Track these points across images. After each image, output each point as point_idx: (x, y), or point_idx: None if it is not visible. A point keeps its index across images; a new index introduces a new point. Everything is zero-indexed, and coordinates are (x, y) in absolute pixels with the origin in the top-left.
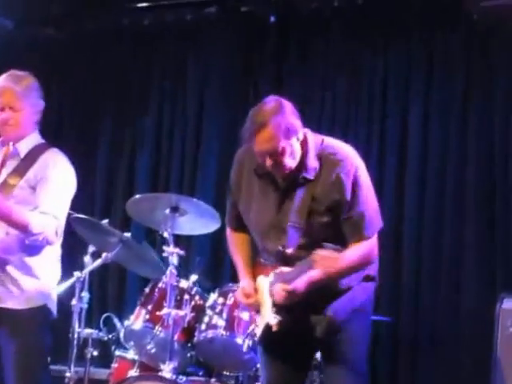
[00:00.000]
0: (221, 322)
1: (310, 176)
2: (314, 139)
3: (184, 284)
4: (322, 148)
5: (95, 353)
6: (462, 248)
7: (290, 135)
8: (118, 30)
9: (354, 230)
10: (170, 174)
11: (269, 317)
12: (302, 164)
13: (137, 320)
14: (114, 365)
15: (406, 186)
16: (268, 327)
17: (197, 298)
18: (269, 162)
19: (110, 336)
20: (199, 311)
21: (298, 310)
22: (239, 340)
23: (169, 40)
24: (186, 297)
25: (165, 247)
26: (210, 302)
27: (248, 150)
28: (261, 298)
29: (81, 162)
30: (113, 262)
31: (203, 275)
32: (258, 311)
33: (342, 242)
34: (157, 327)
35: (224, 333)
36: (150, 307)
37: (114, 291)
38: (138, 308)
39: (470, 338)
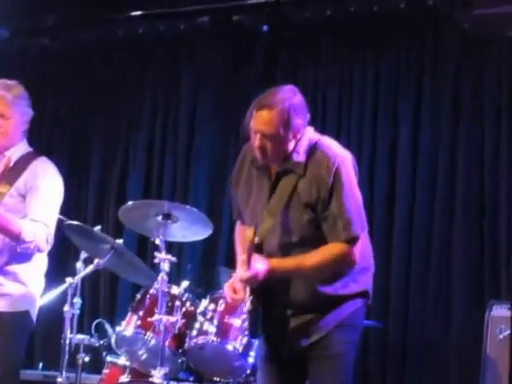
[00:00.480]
0: (212, 329)
1: (297, 170)
2: (310, 136)
3: (175, 290)
4: (314, 145)
5: (87, 358)
6: (451, 253)
7: (288, 129)
8: (112, 40)
9: (331, 230)
10: (163, 181)
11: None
12: (290, 157)
13: (128, 326)
14: (106, 371)
15: (396, 197)
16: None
17: (188, 304)
18: (257, 142)
19: (102, 342)
20: (190, 317)
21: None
22: (230, 347)
23: (162, 50)
24: (177, 303)
25: (156, 254)
26: (201, 309)
27: (250, 147)
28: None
29: (74, 170)
30: (104, 269)
31: (194, 282)
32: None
33: (323, 245)
34: (148, 333)
35: (215, 339)
36: (141, 313)
37: (106, 297)
38: (129, 314)
39: (458, 344)
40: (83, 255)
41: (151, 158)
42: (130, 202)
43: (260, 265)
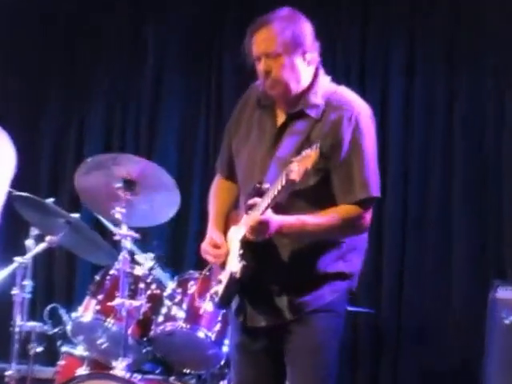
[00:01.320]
0: (180, 314)
1: (312, 113)
2: (327, 81)
3: (139, 271)
4: (332, 92)
5: (39, 349)
6: (450, 234)
7: (296, 49)
8: None
9: (344, 186)
10: (125, 146)
11: (234, 264)
12: (304, 97)
13: (86, 312)
14: (61, 362)
15: (389, 164)
16: (232, 281)
17: (153, 286)
18: (261, 66)
19: (56, 330)
20: (156, 302)
21: (265, 268)
22: (201, 334)
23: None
24: (142, 285)
25: (116, 230)
26: (168, 291)
27: (256, 86)
28: (229, 249)
29: (26, 135)
30: (59, 247)
31: (161, 261)
32: (223, 266)
33: (328, 205)
34: (108, 320)
35: (184, 325)
36: (100, 297)
37: (61, 279)
38: (87, 298)
39: (459, 330)
40: (34, 231)
41: (111, 123)
42: (88, 159)
43: (273, 215)
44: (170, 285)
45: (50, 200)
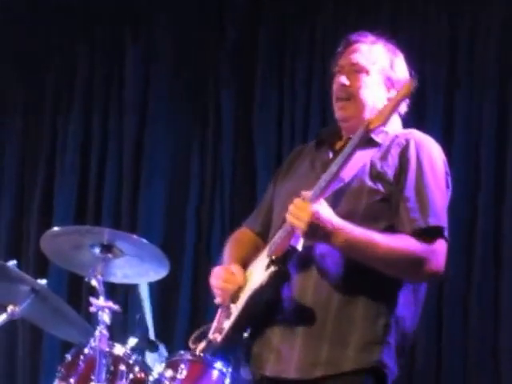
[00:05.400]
0: None
1: (377, 137)
2: (398, 120)
3: (119, 350)
4: (405, 131)
5: None
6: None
7: (385, 72)
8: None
9: (403, 210)
10: (102, 200)
11: (256, 280)
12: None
13: None
14: None
15: None
16: (249, 305)
17: (136, 369)
18: (340, 79)
19: None
20: None
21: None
22: None
23: (101, 16)
24: (122, 367)
25: (93, 300)
26: (154, 376)
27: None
28: (244, 282)
29: None
30: (23, 320)
31: (145, 339)
32: (233, 301)
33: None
34: None
35: None
36: (72, 381)
37: (25, 359)
38: (56, 382)
39: None
40: None
41: (86, 166)
42: (55, 228)
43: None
44: (157, 367)
45: (13, 262)
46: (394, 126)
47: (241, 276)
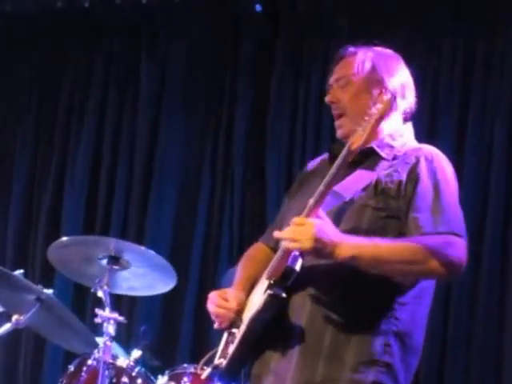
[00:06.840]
0: None
1: (383, 152)
2: (410, 131)
3: (122, 362)
4: (414, 144)
5: None
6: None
7: (373, 79)
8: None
9: (421, 220)
10: (111, 211)
11: (256, 302)
12: (374, 133)
13: None
14: None
15: None
16: (252, 328)
17: (139, 381)
18: (327, 97)
19: None
20: None
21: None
22: None
23: (117, 28)
24: (125, 379)
25: (99, 311)
26: None
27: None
28: (241, 306)
29: None
30: (27, 329)
31: (149, 351)
32: (236, 325)
33: None
34: None
35: None
36: None
37: (28, 368)
38: None
39: None
40: None
41: (95, 178)
42: (63, 238)
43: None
44: (160, 380)
45: (19, 272)
46: (405, 138)
47: (234, 301)
